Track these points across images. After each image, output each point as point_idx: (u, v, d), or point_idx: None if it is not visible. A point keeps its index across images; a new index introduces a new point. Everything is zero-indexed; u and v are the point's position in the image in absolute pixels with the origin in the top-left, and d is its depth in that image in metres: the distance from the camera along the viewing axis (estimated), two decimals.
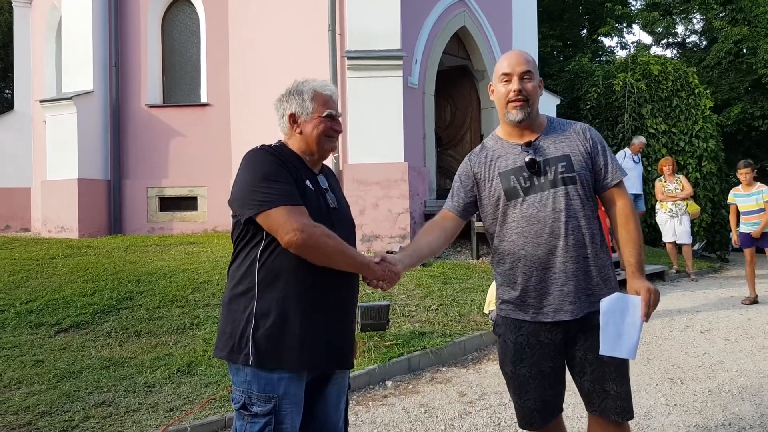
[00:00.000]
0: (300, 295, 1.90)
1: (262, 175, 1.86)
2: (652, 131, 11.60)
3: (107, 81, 9.69)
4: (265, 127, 9.22)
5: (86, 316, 5.12)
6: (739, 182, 6.96)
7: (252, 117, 9.48)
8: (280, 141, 2.10)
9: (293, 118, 2.02)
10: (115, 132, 9.70)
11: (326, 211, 1.99)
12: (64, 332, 4.88)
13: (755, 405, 3.74)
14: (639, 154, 9.96)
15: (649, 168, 11.08)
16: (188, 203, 10.15)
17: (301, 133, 2.02)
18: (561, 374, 2.12)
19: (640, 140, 9.86)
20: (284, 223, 1.80)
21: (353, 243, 2.10)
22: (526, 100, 2.04)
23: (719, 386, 4.10)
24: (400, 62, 7.71)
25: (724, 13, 16.28)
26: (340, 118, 2.10)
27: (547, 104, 11.35)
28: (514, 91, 2.04)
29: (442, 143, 9.97)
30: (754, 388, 4.06)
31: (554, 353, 2.08)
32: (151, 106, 9.88)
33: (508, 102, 2.06)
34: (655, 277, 8.55)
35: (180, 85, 10.27)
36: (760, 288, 7.06)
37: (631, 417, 2.08)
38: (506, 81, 2.07)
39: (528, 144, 2.09)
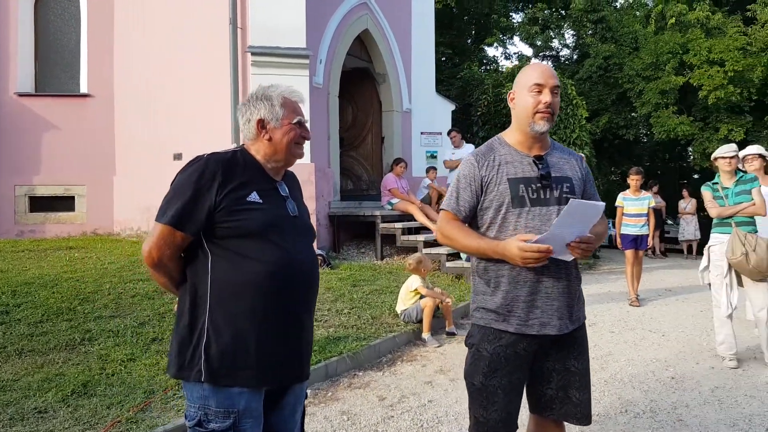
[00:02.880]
0: (256, 310, 1.82)
1: (176, 186, 1.85)
2: None
3: None
4: (155, 122, 8.75)
5: None
6: (627, 187, 7.52)
7: (140, 110, 8.86)
8: (242, 145, 2.01)
9: (262, 124, 1.94)
10: None
11: (286, 219, 1.94)
12: None
13: (644, 392, 4.10)
14: None
15: None
16: (64, 203, 9.26)
17: (270, 139, 1.95)
18: (523, 387, 2.14)
19: None
20: (150, 239, 1.84)
21: (312, 250, 2.06)
22: (552, 114, 2.05)
23: (612, 376, 4.45)
24: (307, 61, 7.58)
25: (595, 31, 17.75)
26: (307, 124, 2.05)
27: (443, 110, 11.72)
28: (545, 103, 2.02)
29: (343, 144, 9.94)
30: (641, 376, 4.44)
31: (526, 365, 2.09)
32: (21, 95, 8.91)
33: (537, 113, 2.04)
34: None
35: (56, 73, 9.34)
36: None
37: (590, 422, 2.14)
38: (537, 91, 2.04)
39: (539, 157, 2.09)
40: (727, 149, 4.64)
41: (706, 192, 4.73)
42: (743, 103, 14.42)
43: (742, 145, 10.64)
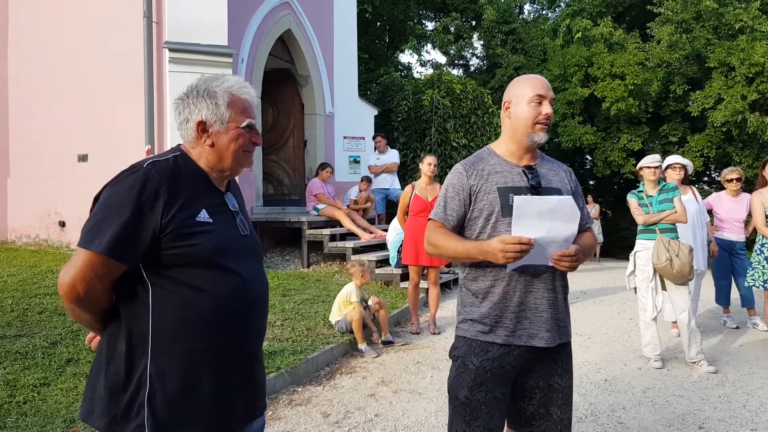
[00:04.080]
0: (210, 350, 1.56)
1: (109, 203, 1.49)
2: (455, 145, 12.67)
3: None
4: (57, 120, 7.99)
5: None
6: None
7: (39, 107, 8.07)
8: (180, 147, 1.68)
9: (203, 127, 1.62)
10: None
11: (237, 240, 1.66)
12: None
13: (582, 395, 4.21)
14: None
15: None
16: None
17: (212, 145, 1.63)
18: (505, 404, 2.09)
19: None
20: (73, 270, 1.48)
21: (263, 271, 1.80)
22: (549, 125, 2.06)
23: None
24: (230, 60, 7.22)
25: (505, 42, 18.42)
26: (257, 126, 1.74)
27: (366, 115, 11.65)
28: (546, 115, 2.03)
29: (264, 147, 9.61)
30: (576, 379, 4.34)
31: (510, 380, 2.05)
32: None
33: (537, 123, 2.03)
34: (452, 282, 8.22)
35: None
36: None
37: None
38: (538, 103, 2.03)
39: (530, 168, 2.07)
40: (651, 159, 4.90)
41: (632, 200, 4.97)
42: (641, 115, 15.53)
43: (640, 155, 11.43)
